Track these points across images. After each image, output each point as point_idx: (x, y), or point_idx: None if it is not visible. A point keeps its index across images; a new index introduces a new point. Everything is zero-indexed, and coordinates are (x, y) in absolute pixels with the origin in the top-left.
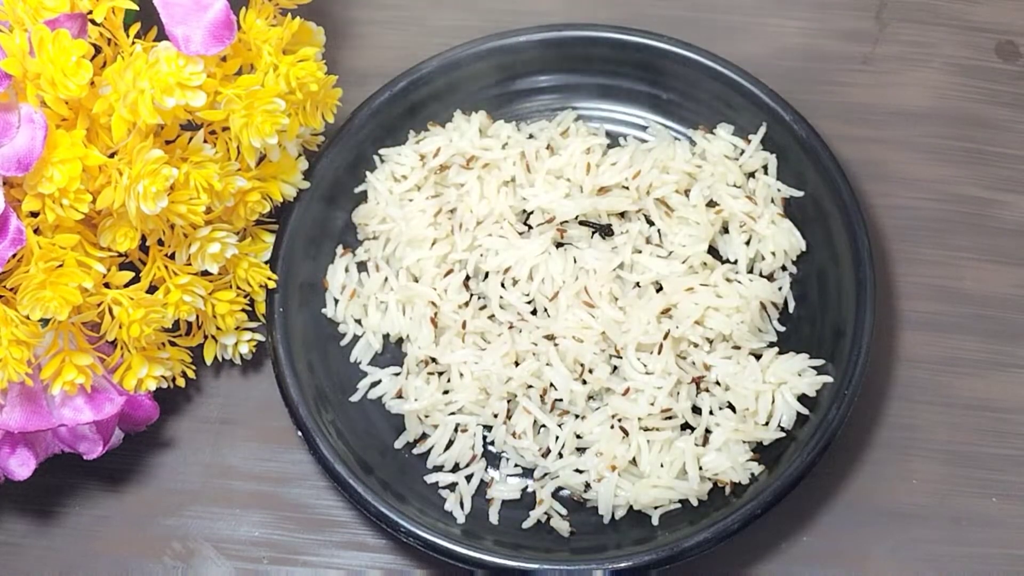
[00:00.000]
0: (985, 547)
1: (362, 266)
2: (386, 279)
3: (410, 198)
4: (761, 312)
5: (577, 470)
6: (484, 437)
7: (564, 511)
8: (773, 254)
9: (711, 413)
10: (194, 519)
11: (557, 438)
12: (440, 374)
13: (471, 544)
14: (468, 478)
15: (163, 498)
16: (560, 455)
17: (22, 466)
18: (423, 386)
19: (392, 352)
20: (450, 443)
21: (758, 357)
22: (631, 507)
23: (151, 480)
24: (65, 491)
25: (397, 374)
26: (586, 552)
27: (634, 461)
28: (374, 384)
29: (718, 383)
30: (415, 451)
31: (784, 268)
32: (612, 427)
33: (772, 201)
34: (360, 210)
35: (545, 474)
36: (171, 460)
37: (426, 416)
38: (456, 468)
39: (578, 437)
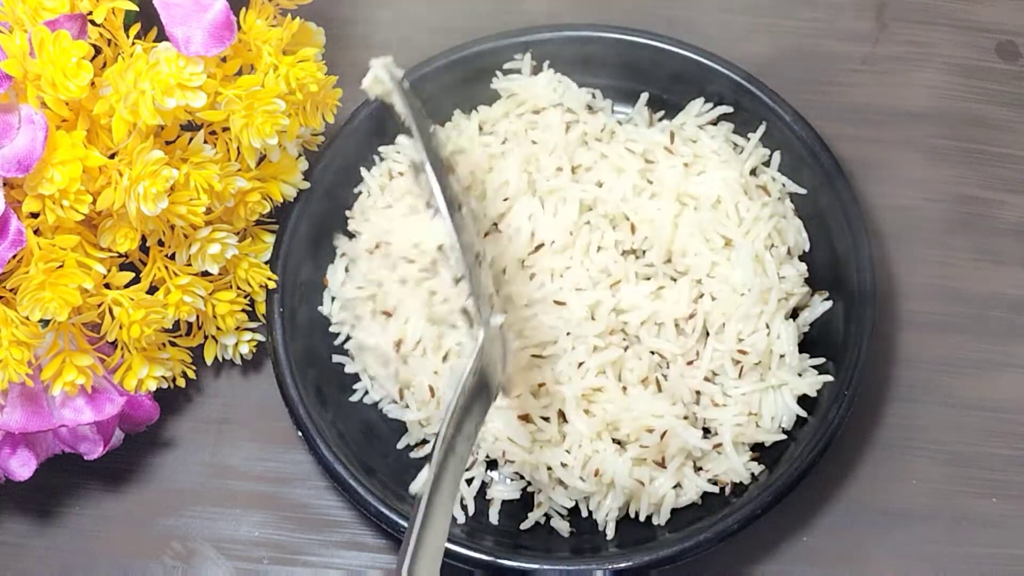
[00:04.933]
0: (985, 547)
1: None
2: None
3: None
4: None
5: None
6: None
7: (564, 511)
8: None
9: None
10: (194, 519)
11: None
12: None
13: (471, 544)
14: (468, 480)
15: (163, 498)
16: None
17: (23, 466)
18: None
19: None
20: None
21: None
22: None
23: (151, 480)
24: (65, 491)
25: None
26: (586, 552)
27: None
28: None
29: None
30: (415, 454)
31: None
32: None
33: (780, 199)
34: (357, 207)
35: (539, 490)
36: (171, 460)
37: (427, 422)
38: None
39: (567, 453)
